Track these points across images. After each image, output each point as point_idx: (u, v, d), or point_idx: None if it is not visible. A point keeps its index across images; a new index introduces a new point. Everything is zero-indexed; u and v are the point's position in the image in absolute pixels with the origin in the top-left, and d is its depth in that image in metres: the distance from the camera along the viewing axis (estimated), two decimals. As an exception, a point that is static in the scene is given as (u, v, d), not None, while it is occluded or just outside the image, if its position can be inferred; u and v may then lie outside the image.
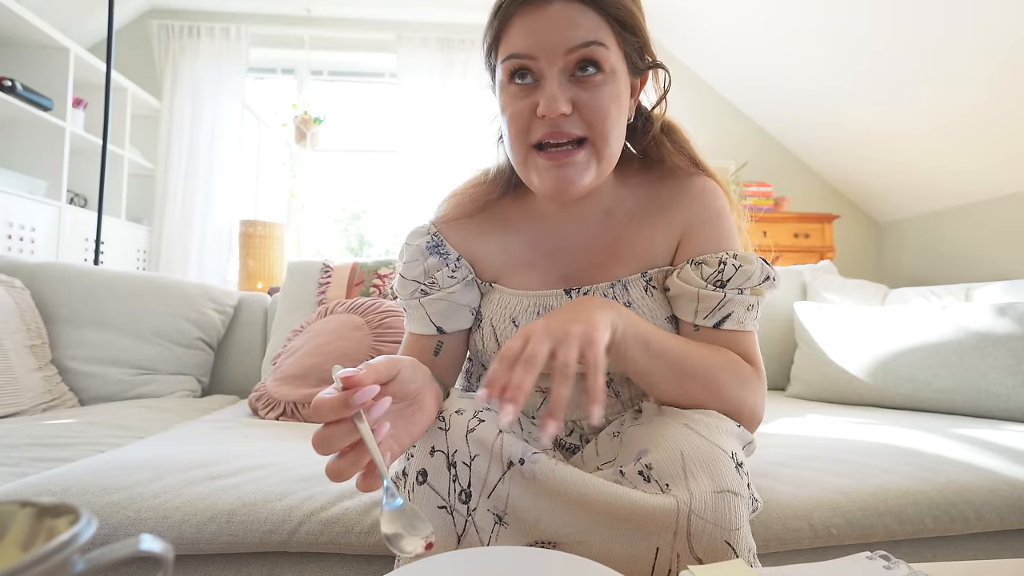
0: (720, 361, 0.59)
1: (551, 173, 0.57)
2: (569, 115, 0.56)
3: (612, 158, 0.59)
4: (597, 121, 0.56)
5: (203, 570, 0.69)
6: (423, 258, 0.70)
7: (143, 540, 0.25)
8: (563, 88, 0.55)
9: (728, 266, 0.62)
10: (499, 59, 0.58)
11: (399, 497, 0.45)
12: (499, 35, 0.58)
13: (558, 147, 0.57)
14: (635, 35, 0.58)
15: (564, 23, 0.54)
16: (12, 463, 0.84)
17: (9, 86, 2.25)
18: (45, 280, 1.40)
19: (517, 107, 0.57)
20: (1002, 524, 0.77)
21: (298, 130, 3.19)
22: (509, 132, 0.59)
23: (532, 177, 0.59)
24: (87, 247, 2.59)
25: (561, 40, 0.54)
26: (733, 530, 0.47)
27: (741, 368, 0.60)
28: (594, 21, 0.55)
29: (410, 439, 0.52)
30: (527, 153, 0.58)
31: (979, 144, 2.46)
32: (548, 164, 0.57)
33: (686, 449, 0.50)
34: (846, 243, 3.43)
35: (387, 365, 0.49)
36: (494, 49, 0.59)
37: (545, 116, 0.55)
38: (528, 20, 0.55)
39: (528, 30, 0.55)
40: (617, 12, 0.56)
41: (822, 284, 1.69)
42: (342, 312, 1.36)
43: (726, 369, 0.59)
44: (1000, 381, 1.17)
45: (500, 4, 0.57)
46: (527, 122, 0.57)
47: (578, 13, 0.54)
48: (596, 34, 0.55)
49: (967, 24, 2.04)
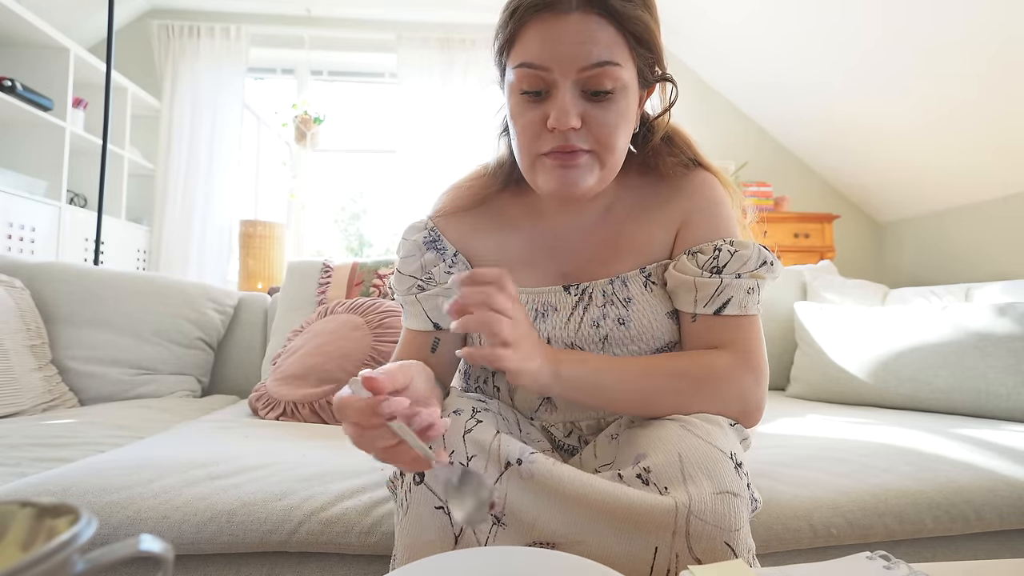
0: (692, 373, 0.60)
1: (556, 173, 0.58)
2: (578, 129, 0.56)
3: (615, 167, 0.60)
4: (604, 137, 0.56)
5: (203, 570, 0.69)
6: (420, 253, 0.70)
7: (143, 540, 0.25)
8: (574, 102, 0.55)
9: (723, 252, 0.62)
10: (511, 62, 0.58)
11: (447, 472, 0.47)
12: (513, 37, 0.57)
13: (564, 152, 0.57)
14: (649, 50, 0.58)
15: (582, 36, 0.53)
16: (12, 463, 0.84)
17: (9, 86, 2.25)
18: (45, 280, 1.39)
19: (528, 117, 0.57)
20: (1002, 524, 0.77)
21: (298, 130, 3.19)
22: (519, 140, 0.59)
23: (538, 178, 0.60)
24: (87, 247, 2.59)
25: (577, 55, 0.54)
26: (733, 531, 0.47)
27: (715, 369, 0.60)
28: (611, 36, 0.54)
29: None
30: (535, 159, 0.59)
31: (979, 144, 2.46)
32: (553, 164, 0.57)
33: (684, 451, 0.50)
34: (846, 243, 3.43)
35: (403, 372, 0.50)
36: (506, 49, 0.59)
37: (555, 129, 0.55)
38: (545, 28, 0.54)
39: (544, 39, 0.54)
40: (635, 28, 0.55)
41: (822, 284, 1.69)
42: (342, 312, 1.36)
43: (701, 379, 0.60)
44: (1000, 381, 1.17)
45: (517, 5, 0.56)
46: (537, 132, 0.57)
47: (596, 27, 0.53)
48: (611, 52, 0.54)
49: (967, 24, 2.04)
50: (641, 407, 0.60)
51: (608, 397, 0.59)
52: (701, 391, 0.59)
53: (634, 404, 0.60)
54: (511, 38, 0.57)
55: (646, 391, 0.59)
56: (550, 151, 0.57)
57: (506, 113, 0.62)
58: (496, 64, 0.62)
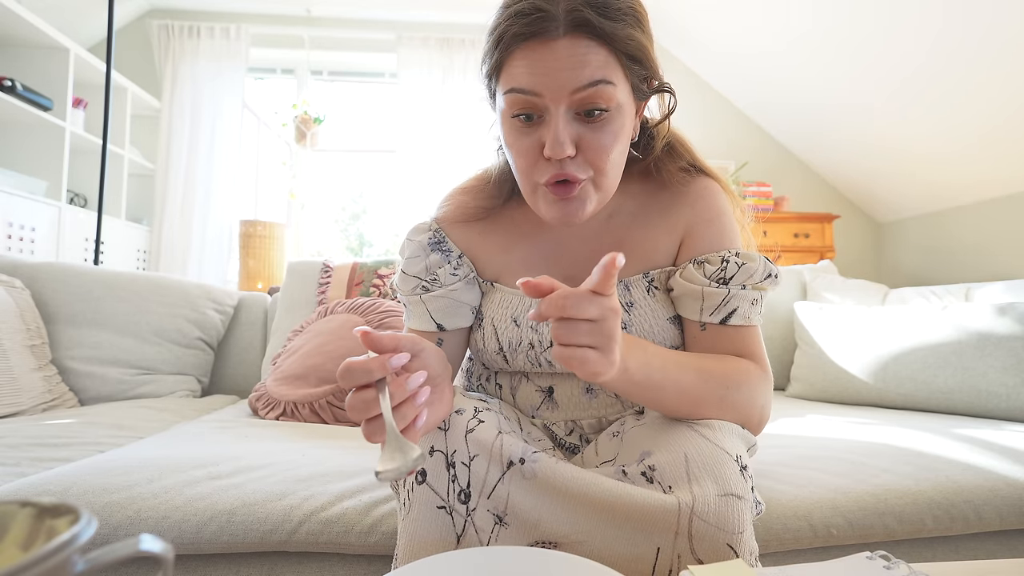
0: (733, 378, 0.58)
1: (556, 206, 0.58)
2: (574, 156, 0.55)
3: (612, 187, 0.59)
4: (600, 162, 0.55)
5: (203, 570, 0.69)
6: (425, 255, 0.70)
7: (143, 540, 0.25)
8: (568, 127, 0.54)
9: (731, 264, 0.63)
10: (500, 87, 0.56)
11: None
12: (500, 65, 0.55)
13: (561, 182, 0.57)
14: (643, 66, 0.56)
15: (572, 62, 0.51)
16: (12, 463, 0.84)
17: (9, 86, 2.25)
18: (45, 280, 1.39)
19: (523, 145, 0.56)
20: (1002, 524, 0.77)
21: (298, 130, 3.19)
22: (516, 165, 0.59)
23: (540, 206, 0.60)
24: (87, 247, 2.59)
25: (568, 80, 0.52)
26: (736, 533, 0.46)
27: (749, 377, 0.60)
28: (602, 58, 0.52)
29: (432, 423, 0.51)
30: (535, 188, 0.59)
31: (979, 144, 2.46)
32: (554, 199, 0.58)
33: (690, 452, 0.50)
34: (846, 243, 3.43)
35: (410, 339, 0.48)
36: (494, 75, 0.57)
37: (551, 158, 0.54)
38: (533, 56, 0.52)
39: (533, 66, 0.52)
40: (627, 47, 0.53)
41: (822, 284, 1.69)
42: (342, 312, 1.36)
43: (739, 385, 0.58)
44: (1000, 381, 1.17)
45: (502, 34, 0.54)
46: (534, 160, 0.56)
47: (585, 50, 0.52)
48: (604, 72, 0.52)
49: (966, 26, 2.04)
50: (689, 409, 0.56)
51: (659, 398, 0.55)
52: (738, 396, 0.58)
53: (684, 406, 0.56)
54: (498, 65, 0.56)
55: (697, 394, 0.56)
56: (547, 181, 0.56)
57: (500, 136, 0.61)
58: (485, 86, 0.61)
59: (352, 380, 0.43)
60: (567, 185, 0.56)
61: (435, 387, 0.51)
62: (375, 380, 0.43)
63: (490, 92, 0.61)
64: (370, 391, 0.43)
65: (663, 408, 0.57)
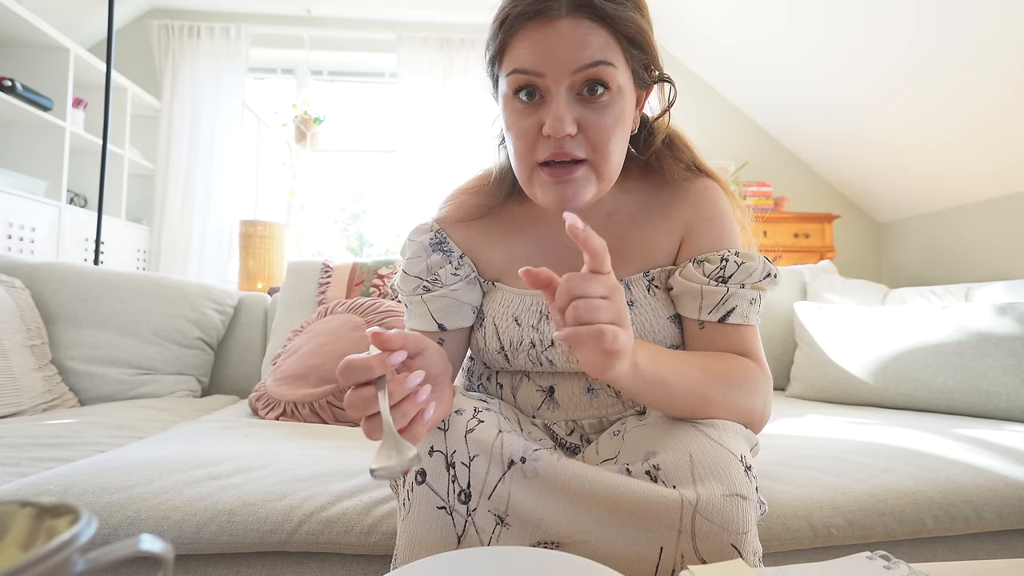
0: (735, 376, 0.58)
1: (553, 188, 0.57)
2: (574, 136, 0.55)
3: (612, 175, 0.59)
4: (600, 143, 0.56)
5: (203, 570, 0.69)
6: (426, 255, 0.70)
7: (143, 540, 0.25)
8: (569, 107, 0.54)
9: (730, 263, 0.63)
10: (503, 71, 0.57)
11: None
12: (504, 47, 0.57)
13: (559, 163, 0.57)
14: (643, 51, 0.57)
15: (573, 41, 0.53)
16: (12, 463, 0.84)
17: (9, 86, 2.25)
18: (45, 280, 1.39)
19: (523, 125, 0.56)
20: (1002, 524, 0.77)
21: (298, 130, 3.19)
22: (515, 149, 0.59)
23: (536, 191, 0.59)
24: (87, 247, 2.59)
25: (569, 59, 0.53)
26: (740, 534, 0.46)
27: (750, 375, 0.60)
28: (603, 39, 0.53)
29: (432, 422, 0.51)
30: (532, 171, 0.58)
31: (979, 144, 2.47)
32: (551, 180, 0.57)
33: (695, 451, 0.50)
34: (846, 243, 3.43)
35: (415, 338, 0.48)
36: (498, 59, 0.58)
37: (551, 136, 0.54)
38: (535, 35, 0.54)
39: (535, 46, 0.54)
40: (627, 29, 0.54)
41: (822, 284, 1.69)
42: (342, 312, 1.36)
43: (740, 383, 0.58)
44: (1000, 381, 1.17)
45: (506, 15, 0.55)
46: (533, 141, 0.56)
47: (587, 31, 0.53)
48: (605, 53, 0.53)
49: (967, 28, 2.05)
50: (694, 407, 0.56)
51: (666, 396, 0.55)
52: (741, 394, 0.58)
53: (689, 404, 0.56)
54: (502, 48, 0.57)
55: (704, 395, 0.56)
56: (547, 159, 0.56)
57: (502, 124, 0.61)
58: (488, 75, 0.62)
59: (352, 377, 0.43)
60: (565, 167, 0.56)
61: (435, 386, 0.51)
62: (375, 377, 0.43)
63: (493, 79, 0.61)
64: (369, 388, 0.43)
65: (668, 407, 0.56)
